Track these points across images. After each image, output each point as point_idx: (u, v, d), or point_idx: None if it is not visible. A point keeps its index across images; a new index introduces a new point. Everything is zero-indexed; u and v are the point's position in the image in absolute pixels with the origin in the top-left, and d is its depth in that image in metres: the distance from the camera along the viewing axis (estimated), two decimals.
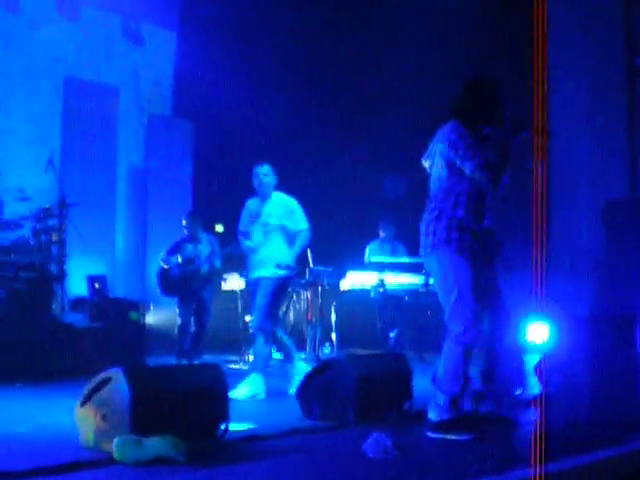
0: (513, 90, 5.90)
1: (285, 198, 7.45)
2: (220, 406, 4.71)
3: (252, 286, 7.41)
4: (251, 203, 7.53)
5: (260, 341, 7.08)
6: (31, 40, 11.05)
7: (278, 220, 7.29)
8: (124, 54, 12.20)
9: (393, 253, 10.62)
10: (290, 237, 7.38)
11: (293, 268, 7.28)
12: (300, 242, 7.39)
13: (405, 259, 10.29)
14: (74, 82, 11.23)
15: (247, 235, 7.44)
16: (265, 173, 7.39)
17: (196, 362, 8.77)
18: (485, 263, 5.01)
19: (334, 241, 11.15)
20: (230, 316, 10.30)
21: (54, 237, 9.19)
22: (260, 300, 7.11)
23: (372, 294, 10.13)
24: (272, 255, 7.19)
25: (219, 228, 10.16)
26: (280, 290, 7.27)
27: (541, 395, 5.33)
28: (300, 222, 7.37)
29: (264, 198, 7.41)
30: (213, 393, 4.73)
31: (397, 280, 10.04)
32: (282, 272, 7.17)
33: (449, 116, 5.10)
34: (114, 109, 11.73)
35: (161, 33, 12.93)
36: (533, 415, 5.14)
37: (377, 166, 12.52)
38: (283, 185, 11.62)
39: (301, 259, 9.93)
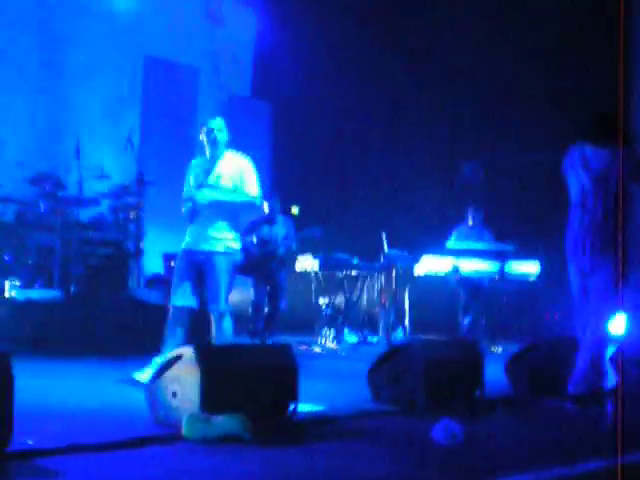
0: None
1: (239, 157, 6.51)
2: (290, 386, 4.70)
3: (190, 258, 6.47)
4: (197, 162, 6.64)
5: (224, 322, 6.48)
6: (112, 19, 11.14)
7: (230, 182, 6.40)
8: (205, 33, 12.24)
9: (479, 239, 10.37)
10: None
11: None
12: (237, 200, 6.36)
13: (486, 245, 10.07)
14: (154, 61, 11.32)
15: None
16: (220, 128, 6.45)
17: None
18: None
19: (410, 225, 11.08)
20: (303, 297, 10.31)
21: (131, 214, 9.30)
22: (216, 280, 6.33)
23: (448, 279, 9.99)
24: (221, 225, 6.37)
25: (295, 210, 10.14)
26: (233, 267, 6.44)
27: (617, 386, 5.22)
28: (251, 187, 6.40)
29: (215, 158, 6.47)
30: (283, 373, 4.73)
31: (473, 266, 9.87)
32: (236, 247, 6.40)
33: (609, 142, 5.47)
34: (194, 89, 11.81)
35: (242, 12, 12.90)
36: (608, 407, 5.04)
37: (454, 151, 12.39)
38: (367, 167, 11.43)
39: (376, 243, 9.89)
